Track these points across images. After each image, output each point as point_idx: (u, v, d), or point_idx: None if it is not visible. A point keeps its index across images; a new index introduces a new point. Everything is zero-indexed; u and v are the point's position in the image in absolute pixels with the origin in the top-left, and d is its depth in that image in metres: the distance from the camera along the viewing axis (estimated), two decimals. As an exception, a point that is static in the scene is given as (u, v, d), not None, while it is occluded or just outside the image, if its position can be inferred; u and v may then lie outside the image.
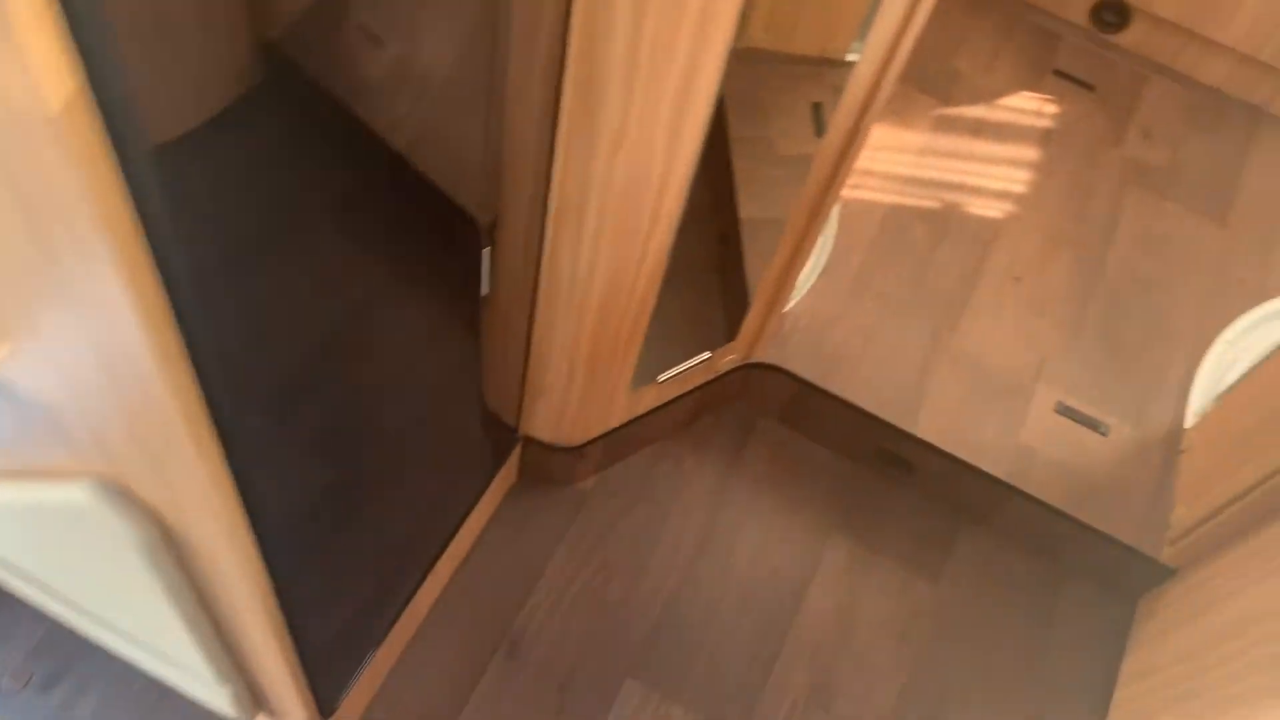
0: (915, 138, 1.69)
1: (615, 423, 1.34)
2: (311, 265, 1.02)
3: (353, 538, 1.20)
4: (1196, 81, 1.85)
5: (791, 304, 1.50)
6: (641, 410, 1.36)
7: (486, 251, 1.14)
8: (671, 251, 1.08)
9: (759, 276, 1.34)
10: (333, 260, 1.05)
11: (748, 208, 1.54)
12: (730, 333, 1.41)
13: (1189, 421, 1.47)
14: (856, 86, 1.02)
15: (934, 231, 1.60)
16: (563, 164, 0.91)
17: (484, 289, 1.18)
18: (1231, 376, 1.51)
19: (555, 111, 0.85)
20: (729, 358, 1.41)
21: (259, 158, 0.89)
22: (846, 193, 1.62)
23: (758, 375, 1.47)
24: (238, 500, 0.68)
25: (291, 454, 1.04)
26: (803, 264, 1.33)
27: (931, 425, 1.43)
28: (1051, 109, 1.77)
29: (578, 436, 1.33)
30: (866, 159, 1.66)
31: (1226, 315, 1.59)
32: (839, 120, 1.07)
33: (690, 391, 1.41)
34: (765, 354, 1.45)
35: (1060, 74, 1.82)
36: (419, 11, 0.93)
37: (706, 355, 1.36)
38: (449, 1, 0.92)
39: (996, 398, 1.47)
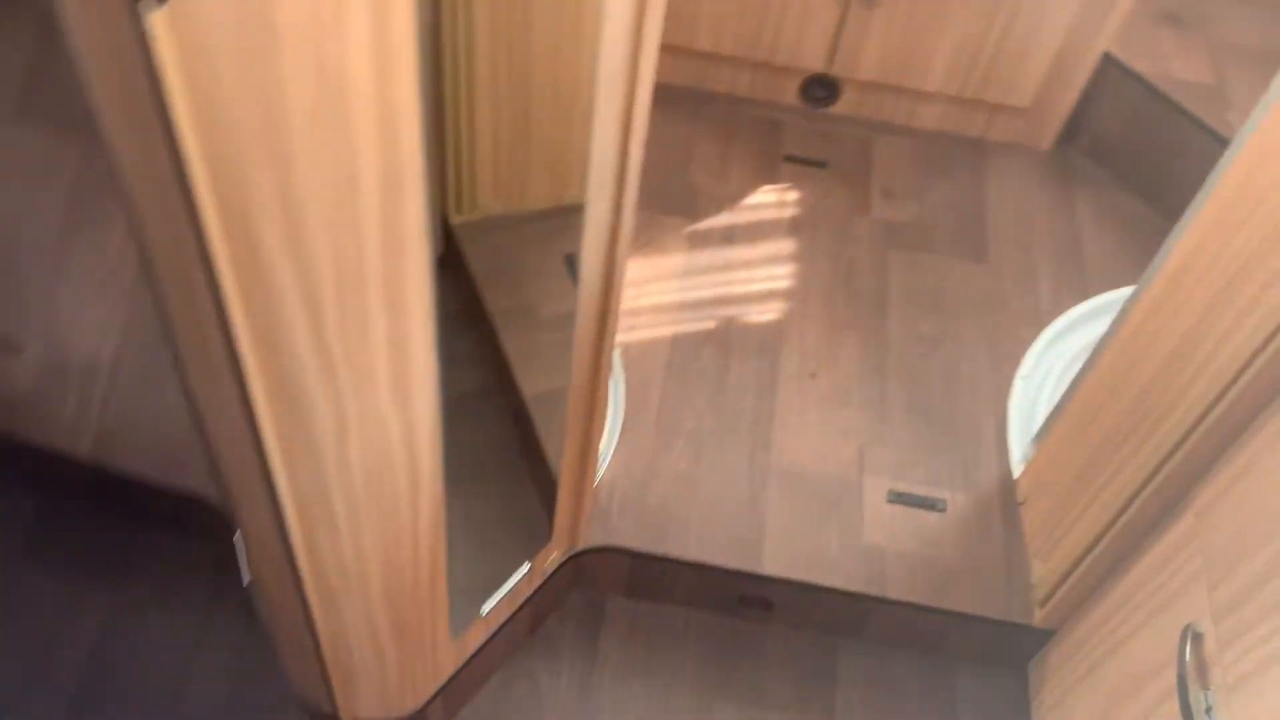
0: (673, 262, 1.65)
1: (448, 673, 1.21)
2: (26, 629, 0.86)
3: None
4: (917, 130, 1.90)
5: (601, 473, 1.41)
6: (472, 650, 1.23)
7: (238, 537, 1.00)
8: (466, 456, 0.97)
9: (559, 456, 1.25)
10: (50, 607, 0.89)
11: (529, 384, 1.45)
12: (549, 523, 1.30)
13: (1016, 471, 1.46)
14: (595, 229, 0.95)
15: (720, 352, 1.55)
16: (284, 464, 0.79)
17: (245, 578, 1.04)
18: (1040, 413, 1.51)
19: (254, 421, 0.74)
20: (552, 556, 1.31)
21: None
22: (623, 337, 1.56)
23: (590, 561, 1.37)
24: None
25: None
26: (599, 429, 1.24)
27: (778, 557, 1.36)
28: (793, 195, 1.77)
29: (410, 702, 1.19)
30: (632, 298, 1.60)
31: (1015, 351, 1.60)
32: (590, 267, 1.00)
33: (522, 606, 1.30)
34: (589, 538, 1.35)
35: (791, 159, 1.83)
36: (57, 304, 0.80)
37: (526, 567, 1.24)
38: (93, 290, 0.79)
39: (830, 506, 1.41)
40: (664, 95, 1.88)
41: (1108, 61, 1.77)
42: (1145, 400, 1.14)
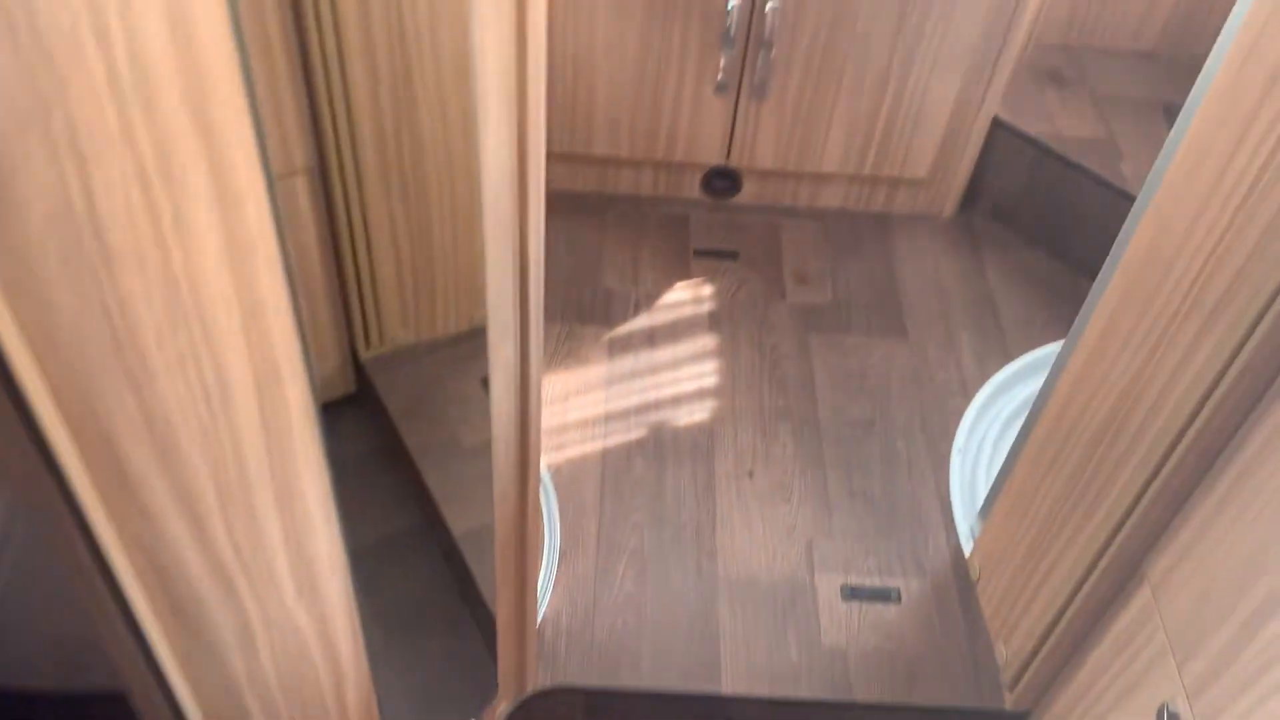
0: (596, 372, 1.61)
1: None
2: None
3: None
4: (822, 210, 1.90)
5: (543, 610, 1.34)
6: (427, 824, 1.15)
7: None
8: (400, 606, 0.90)
9: (495, 595, 1.18)
10: None
11: (458, 521, 1.39)
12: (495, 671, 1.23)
13: (967, 548, 1.43)
14: (501, 356, 0.90)
15: (654, 460, 1.51)
16: (185, 677, 0.72)
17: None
18: (981, 485, 1.49)
19: (145, 640, 0.67)
20: (501, 708, 1.23)
21: None
22: (552, 457, 1.51)
23: (541, 705, 1.29)
24: None
25: None
26: (535, 564, 1.18)
27: (737, 675, 1.30)
28: (708, 289, 1.76)
29: None
30: (557, 414, 1.56)
31: (948, 424, 1.58)
32: (504, 386, 0.95)
33: (474, 765, 1.22)
34: (539, 680, 1.28)
35: (702, 252, 1.82)
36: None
37: (474, 725, 1.17)
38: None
39: (784, 612, 1.36)
40: (568, 203, 1.86)
41: (998, 126, 1.80)
42: (1084, 471, 1.12)
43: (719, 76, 1.70)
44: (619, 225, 1.84)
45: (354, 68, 1.21)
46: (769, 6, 1.60)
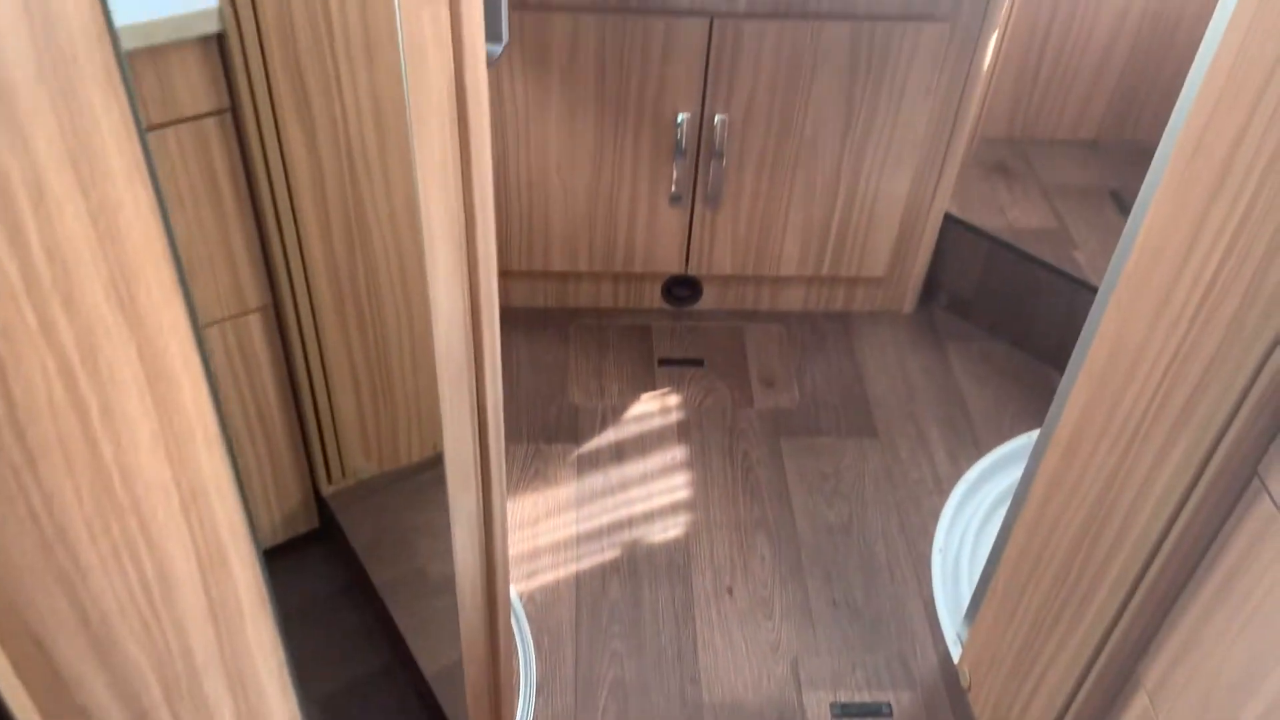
0: (565, 492, 1.58)
1: None
2: None
3: None
4: (784, 313, 1.90)
5: (522, 749, 1.28)
6: None
7: None
8: None
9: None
10: None
11: (428, 660, 1.33)
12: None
13: (955, 653, 1.39)
14: (463, 498, 0.87)
15: (630, 582, 1.47)
16: None
17: None
18: (965, 586, 1.46)
19: None
20: None
21: None
22: (523, 586, 1.46)
23: None
24: None
25: None
26: (510, 704, 1.13)
27: (728, 806, 1.24)
28: (674, 399, 1.74)
29: None
30: (527, 539, 1.51)
31: (925, 524, 1.56)
32: (466, 537, 0.91)
33: None
34: (520, 828, 1.21)
35: (666, 361, 1.81)
36: None
37: None
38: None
39: (774, 733, 1.31)
40: (529, 320, 1.85)
41: (950, 221, 1.82)
42: (1068, 573, 1.10)
43: (673, 188, 1.71)
44: (582, 339, 1.83)
45: (304, 204, 1.20)
46: (717, 119, 1.62)
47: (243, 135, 1.13)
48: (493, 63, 0.60)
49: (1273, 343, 0.81)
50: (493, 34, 0.61)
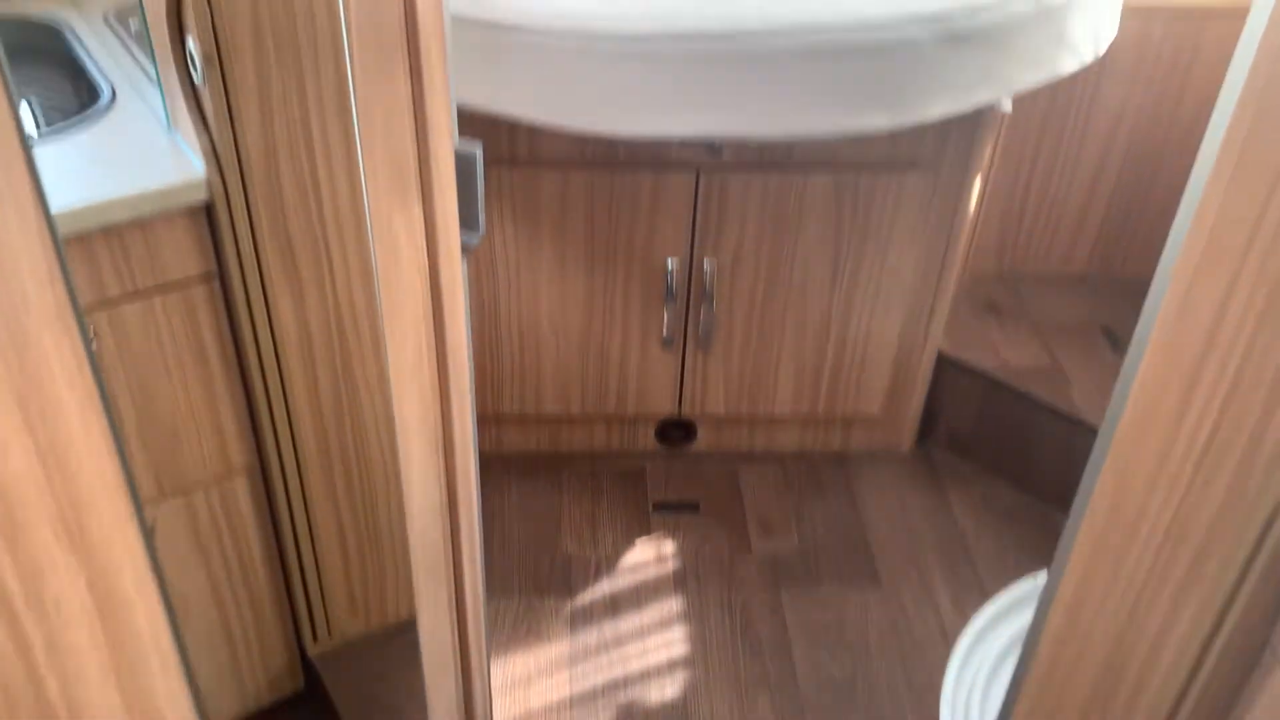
0: (558, 649, 1.53)
1: None
2: None
3: None
4: (780, 453, 1.88)
5: None
6: None
7: None
8: None
9: None
10: None
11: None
12: None
13: (969, 820, 1.32)
14: (442, 687, 0.83)
15: (624, 745, 1.41)
16: None
17: None
18: (975, 745, 1.40)
19: None
20: None
21: None
22: (516, 750, 1.40)
23: None
24: None
25: None
26: None
27: None
28: (670, 546, 1.70)
29: None
30: (519, 700, 1.46)
31: (933, 677, 1.51)
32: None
33: None
34: None
35: (661, 507, 1.78)
36: None
37: None
38: None
39: None
40: (522, 465, 1.83)
41: (944, 360, 1.82)
42: (1083, 740, 1.05)
43: (664, 332, 1.71)
44: (575, 484, 1.80)
45: (291, 366, 1.19)
46: (706, 264, 1.64)
47: (230, 299, 1.13)
48: (469, 252, 0.60)
49: (1273, 510, 0.79)
50: (469, 223, 0.61)
